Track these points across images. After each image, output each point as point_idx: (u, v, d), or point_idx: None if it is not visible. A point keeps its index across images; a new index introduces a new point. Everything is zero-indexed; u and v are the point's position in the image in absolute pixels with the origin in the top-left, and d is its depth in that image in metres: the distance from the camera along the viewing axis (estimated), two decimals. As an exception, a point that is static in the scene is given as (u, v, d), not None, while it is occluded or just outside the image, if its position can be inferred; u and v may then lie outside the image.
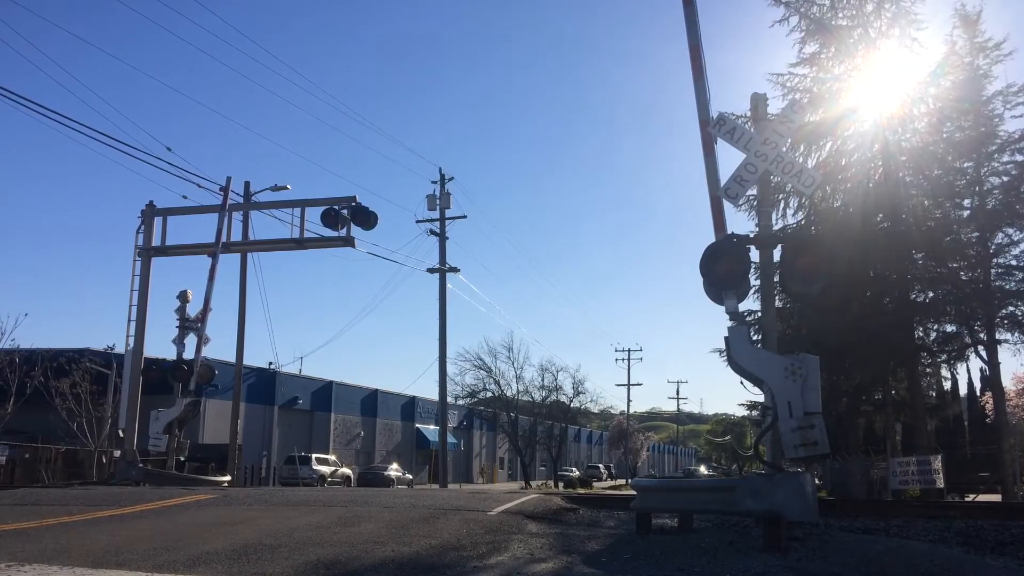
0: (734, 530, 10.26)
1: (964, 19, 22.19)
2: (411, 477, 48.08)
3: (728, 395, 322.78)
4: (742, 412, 51.31)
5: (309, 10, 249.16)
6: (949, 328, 23.57)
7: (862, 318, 21.43)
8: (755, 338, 14.37)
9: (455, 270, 36.76)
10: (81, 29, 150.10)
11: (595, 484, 54.15)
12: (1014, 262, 22.44)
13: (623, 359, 75.50)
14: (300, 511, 11.18)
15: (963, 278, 22.69)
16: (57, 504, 12.42)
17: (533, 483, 51.12)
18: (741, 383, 10.76)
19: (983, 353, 22.79)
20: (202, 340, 21.10)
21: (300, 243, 21.15)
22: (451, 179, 36.94)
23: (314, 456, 40.06)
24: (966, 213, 22.83)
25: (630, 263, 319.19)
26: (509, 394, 50.65)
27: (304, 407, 48.79)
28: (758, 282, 14.44)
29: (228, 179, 23.08)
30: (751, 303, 20.80)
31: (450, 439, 49.14)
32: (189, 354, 21.12)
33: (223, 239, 21.62)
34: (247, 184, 31.40)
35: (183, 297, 21.34)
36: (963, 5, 22.28)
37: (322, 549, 7.92)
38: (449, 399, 40.85)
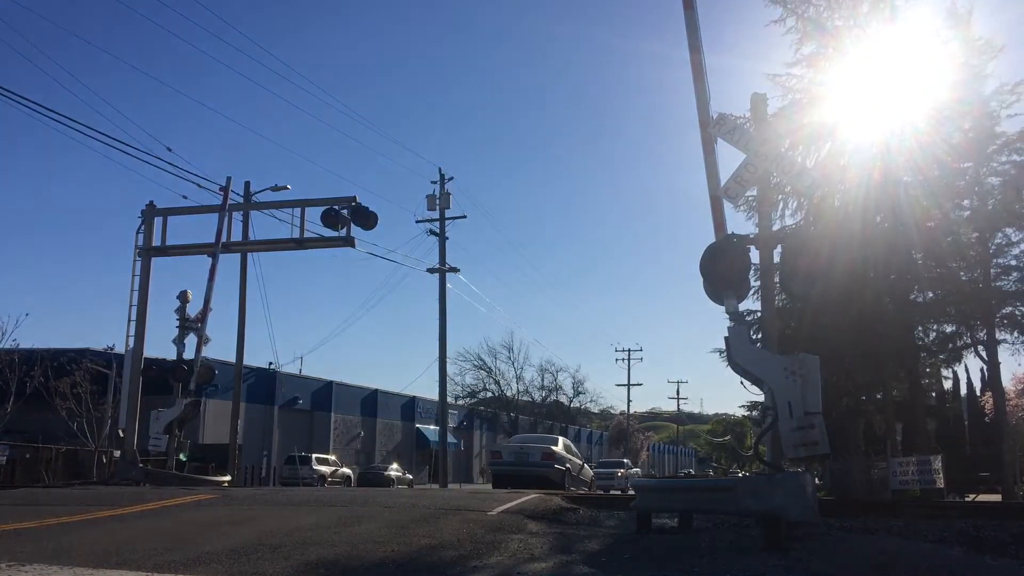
0: (734, 530, 10.27)
1: (955, 19, 22.16)
2: (411, 477, 48.10)
3: (728, 395, 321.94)
4: (742, 412, 51.42)
5: (310, 11, 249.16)
6: (949, 328, 23.59)
7: (862, 318, 21.42)
8: (755, 338, 14.39)
9: (455, 270, 36.87)
10: (81, 29, 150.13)
11: (595, 484, 54.09)
12: (1013, 262, 22.49)
13: (623, 359, 75.70)
14: (300, 511, 11.18)
15: (963, 278, 22.70)
16: (57, 504, 12.42)
17: (533, 483, 51.08)
18: (741, 383, 10.77)
19: (983, 353, 22.83)
20: (202, 340, 21.10)
21: (300, 243, 21.16)
22: (451, 179, 37.09)
23: (314, 456, 40.08)
24: (966, 214, 22.84)
25: (630, 263, 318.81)
26: (509, 394, 50.83)
27: (304, 407, 48.79)
28: (758, 282, 14.45)
29: (228, 179, 23.13)
30: (751, 303, 20.80)
31: (450, 439, 49.15)
32: (189, 354, 21.13)
33: (223, 239, 21.62)
34: (247, 184, 31.43)
35: (183, 297, 21.33)
36: (953, 3, 22.26)
37: (322, 549, 7.93)
38: (449, 399, 40.91)
